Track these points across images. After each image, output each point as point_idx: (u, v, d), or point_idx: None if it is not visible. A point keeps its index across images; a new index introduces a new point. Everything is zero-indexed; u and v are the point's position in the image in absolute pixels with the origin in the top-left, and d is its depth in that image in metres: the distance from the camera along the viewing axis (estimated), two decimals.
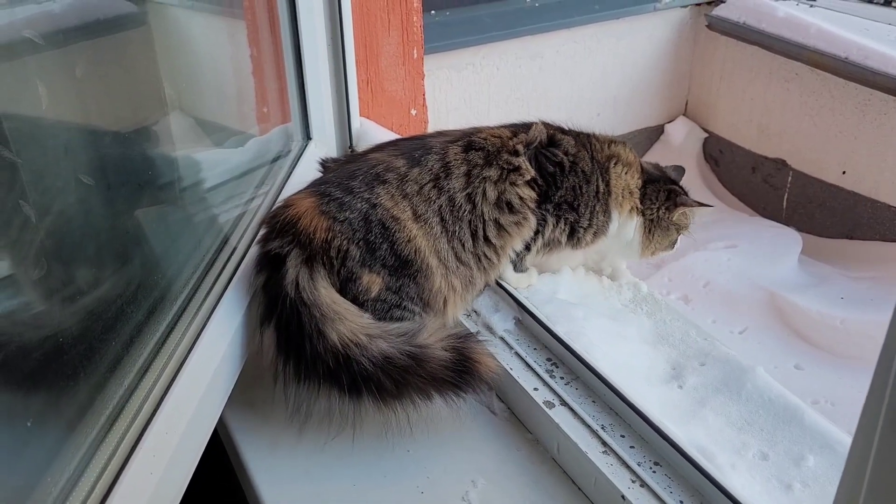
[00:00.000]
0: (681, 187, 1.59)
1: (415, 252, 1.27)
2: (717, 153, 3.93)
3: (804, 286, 2.87)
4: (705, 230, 3.43)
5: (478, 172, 1.35)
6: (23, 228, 1.01)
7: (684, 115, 4.08)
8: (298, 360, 1.19)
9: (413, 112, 2.09)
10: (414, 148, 1.36)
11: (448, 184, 1.32)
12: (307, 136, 1.81)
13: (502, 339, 1.34)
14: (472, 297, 1.41)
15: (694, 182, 3.82)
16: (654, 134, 4.03)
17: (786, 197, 3.60)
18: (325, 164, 1.48)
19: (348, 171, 1.32)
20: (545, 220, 1.42)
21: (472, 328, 1.38)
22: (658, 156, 3.90)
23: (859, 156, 3.27)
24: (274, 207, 1.35)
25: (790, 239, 3.19)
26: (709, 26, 3.72)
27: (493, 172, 1.36)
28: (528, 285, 1.48)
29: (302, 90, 1.75)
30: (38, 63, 1.07)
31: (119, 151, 1.37)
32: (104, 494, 0.90)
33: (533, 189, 1.40)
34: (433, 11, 3.30)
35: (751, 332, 2.68)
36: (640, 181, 1.54)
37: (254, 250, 1.32)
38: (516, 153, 1.39)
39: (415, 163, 1.33)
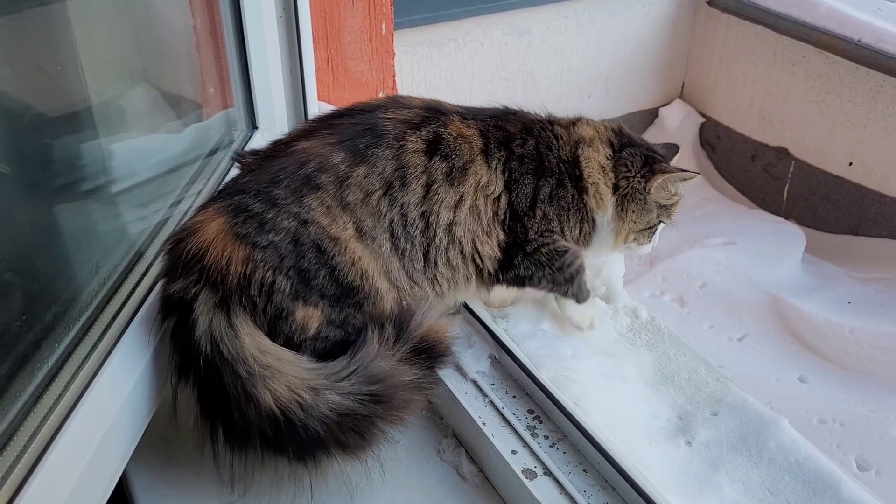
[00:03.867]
0: (663, 158, 1.29)
1: (361, 277, 1.02)
2: (715, 139, 3.76)
3: (808, 289, 2.67)
4: (701, 224, 3.26)
5: (436, 189, 1.09)
6: None
7: (680, 98, 3.91)
8: (228, 428, 0.96)
9: (381, 96, 1.82)
10: (358, 132, 1.06)
11: (403, 196, 1.06)
12: (252, 125, 1.54)
13: (474, 382, 1.10)
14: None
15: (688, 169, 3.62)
16: (648, 118, 3.87)
17: (787, 188, 3.45)
18: (242, 160, 1.13)
19: (270, 173, 1.02)
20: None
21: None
22: (652, 141, 3.63)
23: (868, 146, 3.10)
24: (176, 229, 1.08)
25: (793, 236, 3.00)
26: (709, 3, 3.54)
27: (450, 197, 1.10)
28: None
29: (245, 69, 1.47)
30: None
31: (17, 137, 1.14)
32: None
33: (500, 248, 1.17)
34: None
35: (750, 340, 2.49)
36: (609, 150, 1.24)
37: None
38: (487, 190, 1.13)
39: (359, 158, 1.04)
